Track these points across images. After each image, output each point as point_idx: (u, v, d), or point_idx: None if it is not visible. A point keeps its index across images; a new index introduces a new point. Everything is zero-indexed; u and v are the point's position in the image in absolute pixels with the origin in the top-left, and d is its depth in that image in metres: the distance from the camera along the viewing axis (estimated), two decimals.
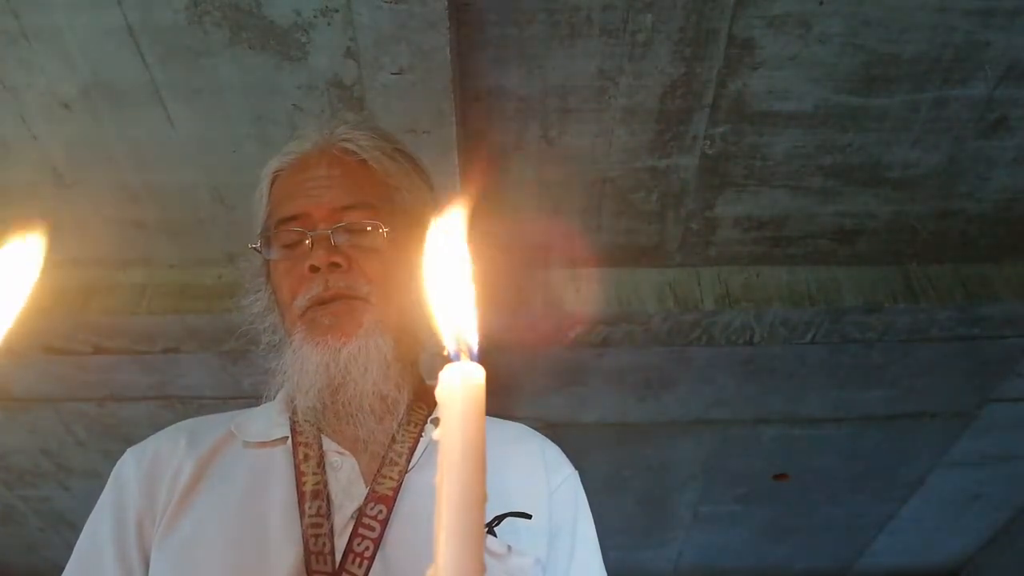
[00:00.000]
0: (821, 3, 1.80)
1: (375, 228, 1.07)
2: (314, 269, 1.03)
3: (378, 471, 0.99)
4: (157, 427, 1.14)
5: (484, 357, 0.49)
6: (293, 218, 1.07)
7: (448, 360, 0.49)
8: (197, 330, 2.40)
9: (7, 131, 2.01)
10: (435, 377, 0.50)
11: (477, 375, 0.48)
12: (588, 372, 2.75)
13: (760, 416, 3.01)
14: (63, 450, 3.05)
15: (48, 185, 2.15)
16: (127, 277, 2.40)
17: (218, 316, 2.32)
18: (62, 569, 1.02)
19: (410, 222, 1.12)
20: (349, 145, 1.11)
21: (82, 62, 1.85)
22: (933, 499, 3.56)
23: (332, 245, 1.04)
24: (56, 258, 2.35)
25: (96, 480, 1.08)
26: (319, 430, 1.04)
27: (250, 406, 1.15)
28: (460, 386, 0.48)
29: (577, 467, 1.13)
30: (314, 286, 1.03)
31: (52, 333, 2.39)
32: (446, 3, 1.60)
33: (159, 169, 2.12)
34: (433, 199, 1.18)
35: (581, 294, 2.44)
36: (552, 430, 2.96)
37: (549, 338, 2.50)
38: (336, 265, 1.03)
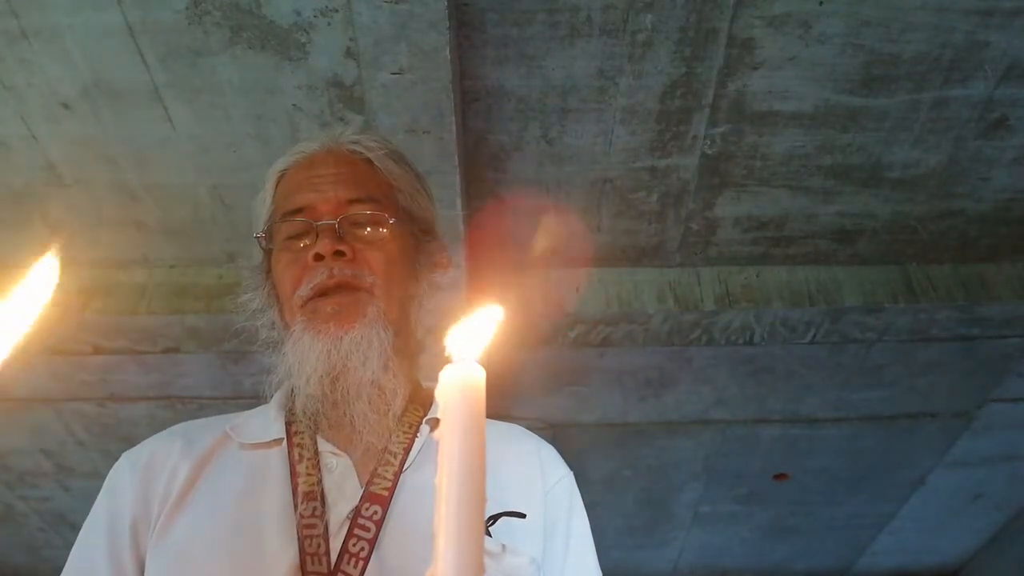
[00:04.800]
0: (821, 3, 1.80)
1: (380, 221, 1.08)
2: (319, 257, 1.04)
3: (373, 471, 0.99)
4: (157, 427, 1.14)
5: (484, 357, 0.49)
6: (299, 210, 1.09)
7: (449, 360, 0.49)
8: (197, 330, 2.40)
9: (7, 131, 2.01)
10: (434, 378, 0.50)
11: (477, 375, 0.48)
12: (588, 372, 2.75)
13: (760, 416, 3.01)
14: (63, 450, 3.04)
15: (48, 185, 2.15)
16: (127, 277, 2.40)
17: (218, 316, 2.32)
18: (62, 569, 1.02)
19: (411, 223, 1.13)
20: (355, 147, 1.14)
21: (82, 62, 1.85)
22: (933, 499, 3.56)
23: (338, 235, 1.05)
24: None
25: (96, 480, 1.08)
26: (315, 431, 1.04)
27: (250, 406, 1.15)
28: (460, 386, 0.48)
29: (577, 467, 1.14)
30: (317, 274, 1.04)
31: (52, 333, 2.39)
32: (446, 3, 1.60)
33: (159, 169, 2.12)
34: (432, 206, 1.19)
35: (581, 294, 2.44)
36: (552, 430, 2.97)
37: (549, 338, 2.50)
38: (341, 254, 1.04)
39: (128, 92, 1.92)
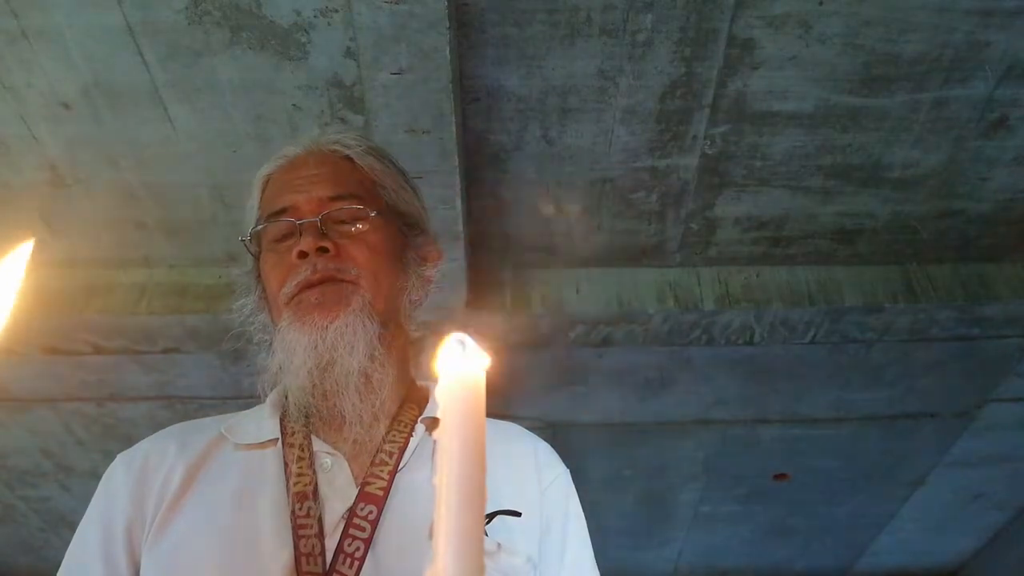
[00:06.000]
0: (821, 3, 1.80)
1: (362, 216, 1.09)
2: (302, 255, 1.04)
3: (368, 471, 0.99)
4: (157, 427, 1.14)
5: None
6: (282, 211, 1.10)
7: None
8: (197, 330, 2.40)
9: (7, 131, 2.01)
10: (433, 378, 0.50)
11: (477, 375, 0.48)
12: (588, 372, 2.75)
13: (760, 416, 3.01)
14: (63, 450, 3.04)
15: (48, 185, 2.15)
16: (127, 277, 2.40)
17: (218, 316, 2.32)
18: None
19: (396, 218, 1.14)
20: (335, 146, 1.15)
21: (82, 62, 1.85)
22: (933, 499, 3.56)
23: (320, 232, 1.06)
24: (56, 258, 2.35)
25: (96, 480, 1.08)
26: (309, 431, 1.04)
27: (250, 406, 1.15)
28: (460, 386, 0.48)
29: (577, 467, 1.14)
30: (302, 271, 1.04)
31: (52, 333, 2.39)
32: (446, 3, 1.60)
33: (159, 169, 2.12)
34: (418, 201, 1.19)
35: (581, 294, 2.44)
36: (552, 430, 2.97)
37: (549, 338, 2.50)
38: (324, 250, 1.05)
39: (128, 92, 1.92)
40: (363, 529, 0.94)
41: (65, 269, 2.36)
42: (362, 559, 0.92)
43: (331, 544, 0.93)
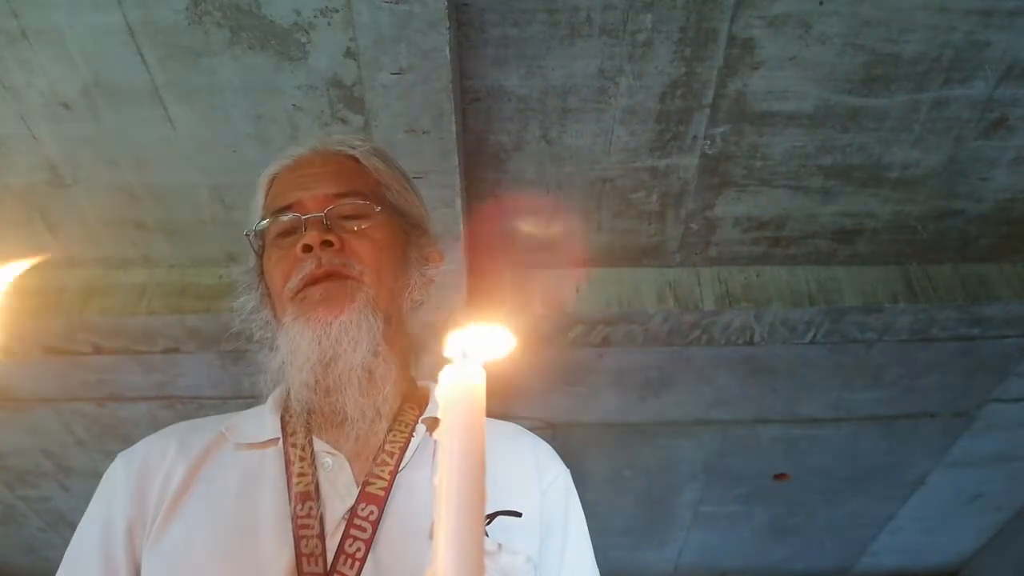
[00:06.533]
0: (821, 3, 1.80)
1: (367, 212, 1.10)
2: (307, 248, 1.05)
3: (369, 471, 0.99)
4: (157, 427, 1.14)
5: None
6: (287, 207, 1.10)
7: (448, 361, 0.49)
8: (197, 330, 2.40)
9: (7, 131, 2.01)
10: (434, 378, 0.50)
11: (477, 376, 0.48)
12: (588, 372, 2.75)
13: (760, 416, 3.01)
14: (63, 450, 3.05)
15: (48, 185, 2.15)
16: (127, 277, 2.40)
17: (218, 316, 2.32)
18: None
19: (400, 217, 1.14)
20: (341, 146, 1.16)
21: (82, 62, 1.85)
22: (933, 499, 3.56)
23: (325, 226, 1.07)
24: (56, 258, 2.35)
25: (96, 480, 1.08)
26: (310, 431, 1.04)
27: (250, 406, 1.15)
28: (460, 386, 0.48)
29: (577, 467, 1.14)
30: (307, 264, 1.05)
31: (52, 333, 2.39)
32: (446, 3, 1.60)
33: (159, 169, 2.12)
34: (421, 203, 1.20)
35: (581, 294, 2.44)
36: (552, 430, 2.98)
37: (549, 338, 2.50)
38: (329, 244, 1.05)
39: (128, 92, 1.92)
40: (364, 529, 0.94)
41: (65, 269, 2.36)
42: (363, 559, 0.92)
43: (332, 544, 0.93)
